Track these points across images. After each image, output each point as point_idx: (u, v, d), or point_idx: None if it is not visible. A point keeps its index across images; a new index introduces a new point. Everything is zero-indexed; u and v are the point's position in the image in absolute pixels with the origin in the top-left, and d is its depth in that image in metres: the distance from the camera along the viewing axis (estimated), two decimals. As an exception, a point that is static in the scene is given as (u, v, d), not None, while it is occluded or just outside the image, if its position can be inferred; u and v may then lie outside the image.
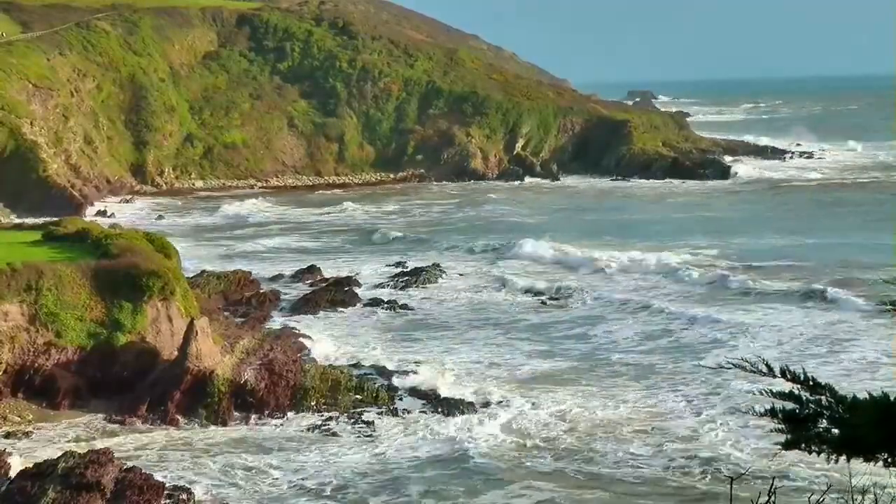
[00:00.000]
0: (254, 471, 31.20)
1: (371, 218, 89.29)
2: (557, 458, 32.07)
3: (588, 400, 37.62)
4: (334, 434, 34.68)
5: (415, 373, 41.07)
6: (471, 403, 37.34)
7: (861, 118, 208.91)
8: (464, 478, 30.55)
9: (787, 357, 38.20)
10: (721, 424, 34.04)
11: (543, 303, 54.78)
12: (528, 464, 31.64)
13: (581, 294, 55.56)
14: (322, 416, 36.61)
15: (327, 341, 46.35)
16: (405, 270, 63.26)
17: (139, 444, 33.57)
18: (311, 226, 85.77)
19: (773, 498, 7.49)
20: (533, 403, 37.12)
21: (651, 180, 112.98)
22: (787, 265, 60.62)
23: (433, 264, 64.33)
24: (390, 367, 42.31)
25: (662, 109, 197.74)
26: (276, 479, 30.61)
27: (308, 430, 35.16)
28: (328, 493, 29.69)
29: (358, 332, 49.03)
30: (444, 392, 38.60)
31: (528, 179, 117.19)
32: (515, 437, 33.91)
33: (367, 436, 34.48)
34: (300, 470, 31.32)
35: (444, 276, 61.99)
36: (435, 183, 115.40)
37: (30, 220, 66.29)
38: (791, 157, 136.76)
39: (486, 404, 37.36)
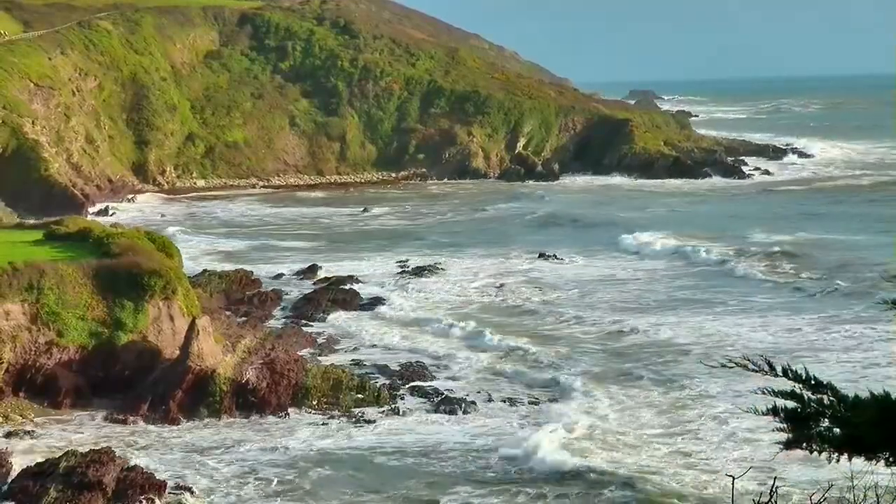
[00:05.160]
0: (255, 469, 31.20)
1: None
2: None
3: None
4: (334, 432, 34.71)
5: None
6: (472, 402, 37.38)
7: (863, 118, 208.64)
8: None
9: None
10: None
11: None
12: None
13: None
14: (323, 415, 36.64)
15: None
16: (406, 269, 63.36)
17: (140, 444, 33.57)
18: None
19: (773, 497, 7.49)
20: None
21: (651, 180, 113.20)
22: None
23: (434, 263, 64.47)
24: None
25: (664, 109, 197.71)
26: (278, 478, 30.61)
27: (309, 428, 35.18)
28: (329, 493, 29.72)
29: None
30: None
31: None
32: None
33: (368, 434, 34.53)
34: (301, 469, 31.33)
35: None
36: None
37: (31, 220, 66.27)
38: (791, 157, 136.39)
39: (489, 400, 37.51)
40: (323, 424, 35.56)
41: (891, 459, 6.49)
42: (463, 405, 36.97)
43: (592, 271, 62.52)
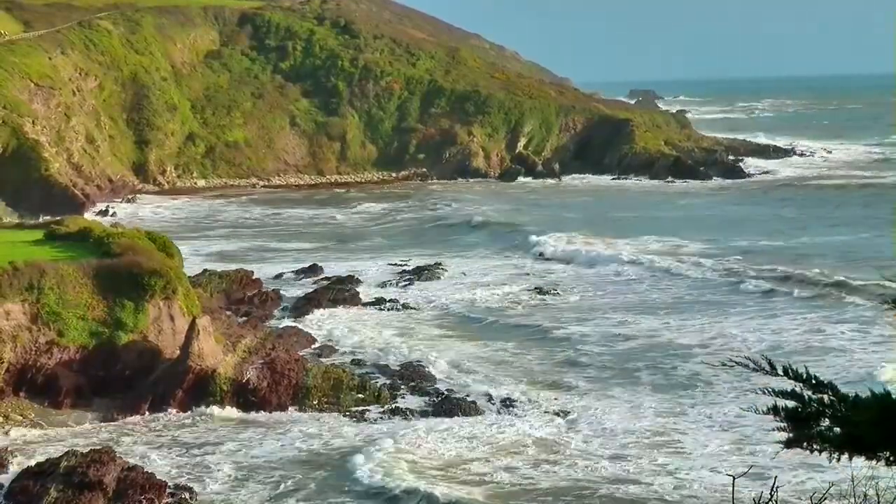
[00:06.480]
0: (255, 469, 31.20)
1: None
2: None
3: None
4: (335, 432, 34.71)
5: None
6: (473, 403, 37.35)
7: (864, 117, 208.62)
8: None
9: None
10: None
11: None
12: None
13: None
14: (324, 414, 36.64)
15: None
16: (407, 269, 63.39)
17: (141, 443, 33.58)
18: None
19: (774, 496, 7.49)
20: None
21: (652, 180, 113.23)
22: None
23: (435, 263, 64.53)
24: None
25: (664, 108, 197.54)
26: (278, 478, 30.62)
27: (309, 427, 35.16)
28: (329, 493, 29.71)
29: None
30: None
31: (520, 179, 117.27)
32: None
33: (371, 437, 34.54)
34: (301, 469, 31.33)
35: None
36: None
37: (32, 220, 66.28)
38: (791, 157, 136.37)
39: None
40: (323, 424, 35.54)
41: (891, 459, 6.49)
42: (463, 405, 36.94)
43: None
